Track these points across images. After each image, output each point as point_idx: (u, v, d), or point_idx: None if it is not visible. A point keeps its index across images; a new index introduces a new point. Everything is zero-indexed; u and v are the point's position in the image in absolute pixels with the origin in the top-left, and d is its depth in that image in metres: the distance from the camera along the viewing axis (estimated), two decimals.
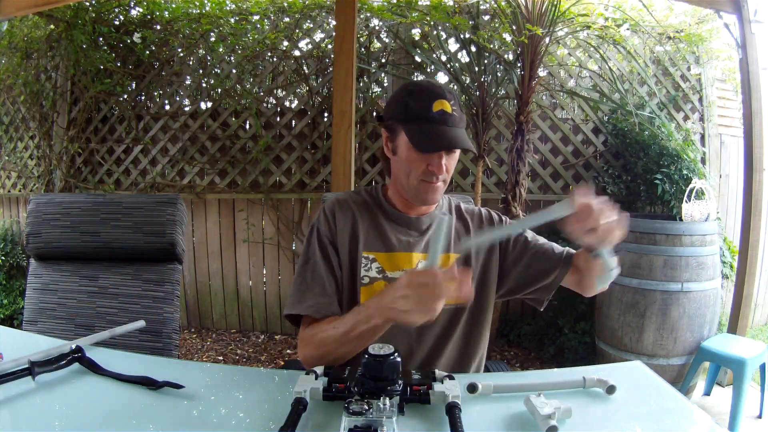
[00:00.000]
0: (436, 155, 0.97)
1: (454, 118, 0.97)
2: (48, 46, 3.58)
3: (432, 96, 0.97)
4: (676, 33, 3.18)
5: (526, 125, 2.62)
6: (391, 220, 1.08)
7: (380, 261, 1.03)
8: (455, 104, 0.98)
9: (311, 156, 3.24)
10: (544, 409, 0.69)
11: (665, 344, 2.26)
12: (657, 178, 2.78)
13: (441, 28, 3.08)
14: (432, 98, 0.97)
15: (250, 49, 3.24)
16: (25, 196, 3.75)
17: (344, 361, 0.91)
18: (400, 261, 1.03)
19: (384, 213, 1.09)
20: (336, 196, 1.11)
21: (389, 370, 0.71)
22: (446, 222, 0.85)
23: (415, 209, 1.08)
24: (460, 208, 1.16)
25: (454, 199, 1.18)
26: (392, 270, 1.03)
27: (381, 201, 1.10)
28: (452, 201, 1.17)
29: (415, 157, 0.98)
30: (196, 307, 3.45)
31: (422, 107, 0.97)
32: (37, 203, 1.40)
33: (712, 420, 0.75)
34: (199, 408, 0.75)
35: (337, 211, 1.06)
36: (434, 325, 1.02)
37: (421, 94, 0.99)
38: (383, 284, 1.01)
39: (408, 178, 1.01)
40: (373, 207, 1.09)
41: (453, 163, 1.02)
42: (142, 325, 1.11)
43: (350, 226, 1.05)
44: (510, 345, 3.03)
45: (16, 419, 0.72)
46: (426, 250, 1.05)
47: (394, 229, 1.06)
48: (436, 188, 1.01)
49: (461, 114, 1.00)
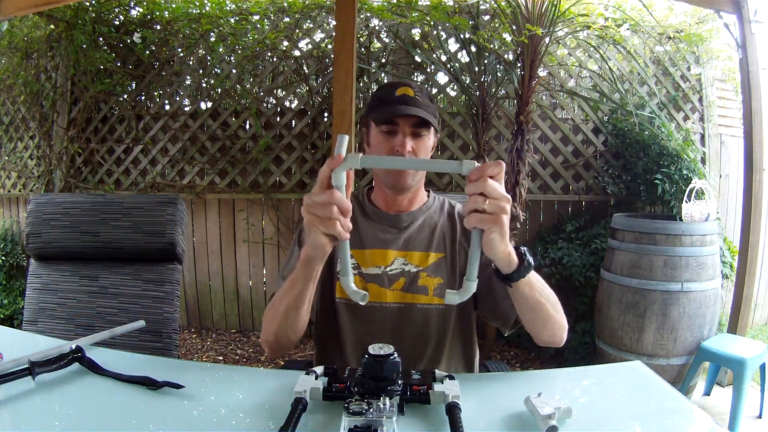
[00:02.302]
0: (400, 133, 1.00)
1: (417, 100, 1.00)
2: (48, 46, 3.58)
3: (397, 85, 1.03)
4: (676, 33, 3.18)
5: (526, 125, 2.62)
6: (370, 219, 1.10)
7: (356, 258, 1.05)
8: (420, 94, 1.02)
9: (311, 156, 3.24)
10: (544, 409, 0.68)
11: (665, 344, 2.26)
12: (657, 178, 2.78)
13: (441, 28, 3.08)
14: (396, 86, 1.03)
15: (250, 49, 3.24)
16: (25, 196, 3.75)
17: (294, 333, 0.89)
18: (375, 257, 1.05)
19: (364, 213, 1.11)
20: None
21: (389, 370, 0.71)
22: (343, 141, 0.74)
23: (395, 206, 1.09)
24: (453, 209, 1.14)
25: (452, 200, 1.17)
26: (366, 266, 1.05)
27: (363, 202, 1.13)
28: (447, 201, 1.16)
29: (381, 139, 1.02)
30: (196, 307, 3.45)
31: (386, 93, 1.03)
32: (37, 203, 1.40)
33: (712, 420, 0.75)
34: (199, 408, 0.75)
35: None
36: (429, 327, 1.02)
37: (387, 86, 1.06)
38: (357, 278, 1.03)
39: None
40: (356, 208, 1.10)
41: (422, 147, 1.02)
42: (142, 325, 1.10)
43: None
44: (510, 345, 3.03)
45: (16, 419, 0.72)
46: (404, 248, 1.06)
47: (372, 227, 1.08)
48: (404, 172, 1.02)
49: (428, 102, 1.02)
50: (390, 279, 1.04)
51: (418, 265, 1.05)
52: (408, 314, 1.03)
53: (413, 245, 1.06)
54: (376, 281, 1.04)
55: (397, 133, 1.00)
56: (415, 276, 1.04)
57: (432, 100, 1.05)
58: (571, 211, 3.19)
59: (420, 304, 1.03)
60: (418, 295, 1.03)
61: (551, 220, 3.20)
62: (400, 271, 1.05)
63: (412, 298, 1.03)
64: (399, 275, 1.04)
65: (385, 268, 1.05)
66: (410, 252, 1.06)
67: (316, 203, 0.70)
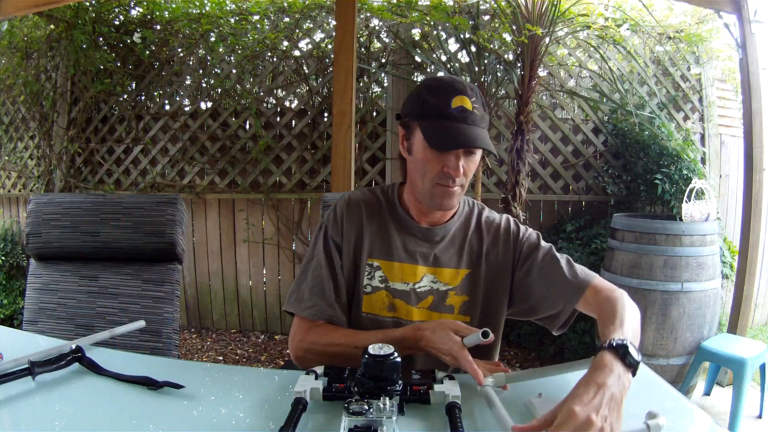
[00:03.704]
0: (453, 155, 0.90)
1: (475, 116, 0.90)
2: (48, 46, 3.58)
3: (451, 91, 0.90)
4: (676, 33, 3.18)
5: (526, 125, 2.62)
6: (400, 225, 1.02)
7: (384, 269, 0.99)
8: (477, 102, 0.91)
9: (311, 156, 3.24)
10: (544, 409, 0.68)
11: (665, 344, 2.26)
12: (657, 178, 2.78)
13: (441, 28, 3.08)
14: (451, 94, 0.90)
15: (250, 49, 3.24)
16: (25, 196, 3.75)
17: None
18: (405, 273, 0.99)
19: (395, 218, 1.03)
20: (348, 196, 1.06)
21: (389, 370, 0.71)
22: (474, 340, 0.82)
23: (428, 217, 1.02)
24: (481, 216, 1.06)
25: (479, 205, 1.09)
26: (395, 281, 0.99)
27: (395, 203, 1.04)
28: (476, 207, 1.08)
29: (430, 157, 0.92)
30: (196, 307, 3.45)
31: (440, 103, 0.90)
32: (37, 203, 1.40)
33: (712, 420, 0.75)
34: (199, 408, 0.75)
35: (345, 213, 1.02)
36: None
37: (440, 89, 0.92)
38: (385, 294, 0.99)
39: (423, 180, 0.94)
40: (386, 210, 1.04)
41: (472, 166, 0.94)
42: (142, 325, 1.10)
43: (356, 231, 1.01)
44: (510, 345, 3.03)
45: (16, 419, 0.72)
46: (435, 264, 1.00)
47: (402, 236, 1.01)
48: (452, 193, 0.94)
49: (484, 113, 0.93)
50: (418, 296, 0.99)
51: (448, 283, 0.99)
52: None
53: (443, 261, 1.00)
54: (404, 298, 0.99)
55: (450, 151, 0.91)
56: (444, 295, 0.99)
57: (485, 106, 0.95)
58: (571, 211, 3.19)
59: None
60: (445, 314, 0.99)
61: (551, 220, 3.20)
62: (428, 289, 0.99)
63: (439, 317, 0.98)
64: (427, 293, 0.99)
65: (414, 285, 0.99)
66: (440, 269, 1.00)
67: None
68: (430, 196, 0.95)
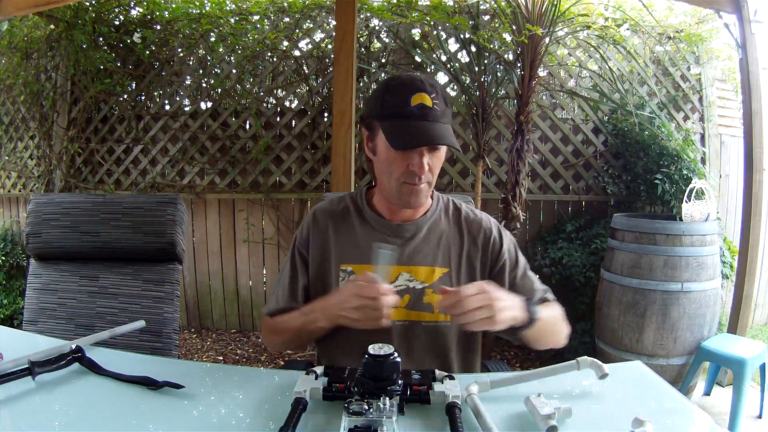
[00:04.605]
0: (417, 153, 0.91)
1: (435, 112, 0.90)
2: (48, 46, 3.58)
3: (410, 89, 0.91)
4: (676, 33, 3.18)
5: (526, 125, 2.62)
6: (371, 227, 1.03)
7: (358, 273, 0.99)
8: (437, 98, 0.91)
9: (311, 156, 3.24)
10: (544, 409, 0.68)
11: (665, 344, 2.26)
12: (657, 178, 2.78)
13: (441, 28, 3.08)
14: (410, 92, 0.90)
15: (250, 49, 3.24)
16: (25, 196, 3.75)
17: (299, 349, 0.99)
18: None
19: (363, 221, 1.04)
20: (315, 209, 1.09)
21: (389, 370, 0.71)
22: (387, 257, 0.85)
23: (399, 214, 1.02)
24: (459, 213, 1.06)
25: (457, 201, 1.10)
26: None
27: (362, 207, 1.05)
28: (452, 203, 1.08)
29: (394, 156, 0.92)
30: (196, 307, 3.45)
31: (399, 101, 0.90)
32: (37, 203, 1.40)
33: (712, 420, 0.75)
34: (199, 408, 0.75)
35: (312, 226, 1.06)
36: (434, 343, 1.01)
37: (399, 88, 0.92)
38: None
39: (389, 180, 0.95)
40: (353, 215, 1.05)
41: (438, 162, 0.95)
42: (142, 325, 1.11)
43: (322, 241, 1.04)
44: (510, 345, 3.03)
45: (16, 419, 0.72)
46: (409, 262, 1.00)
47: (372, 237, 1.00)
48: (419, 190, 0.95)
49: (445, 108, 0.92)
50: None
51: (424, 281, 1.00)
52: (413, 331, 0.99)
53: (418, 259, 1.00)
54: None
55: (413, 150, 0.91)
56: (420, 293, 0.99)
57: (447, 101, 0.94)
58: (571, 211, 3.19)
59: (425, 321, 0.99)
60: (423, 312, 0.99)
61: (551, 220, 3.20)
62: (405, 287, 0.99)
63: (417, 315, 0.99)
64: (404, 292, 0.99)
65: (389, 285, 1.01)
66: (415, 267, 1.00)
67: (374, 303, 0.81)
68: (398, 195, 0.97)
